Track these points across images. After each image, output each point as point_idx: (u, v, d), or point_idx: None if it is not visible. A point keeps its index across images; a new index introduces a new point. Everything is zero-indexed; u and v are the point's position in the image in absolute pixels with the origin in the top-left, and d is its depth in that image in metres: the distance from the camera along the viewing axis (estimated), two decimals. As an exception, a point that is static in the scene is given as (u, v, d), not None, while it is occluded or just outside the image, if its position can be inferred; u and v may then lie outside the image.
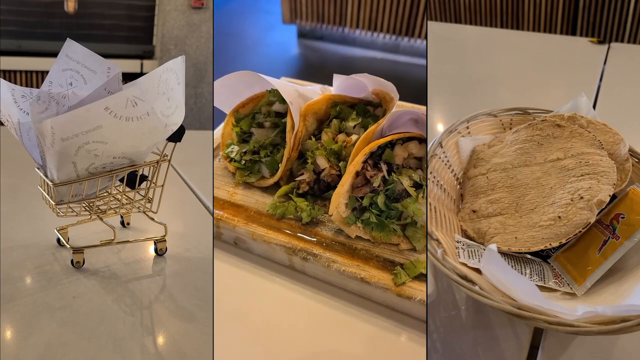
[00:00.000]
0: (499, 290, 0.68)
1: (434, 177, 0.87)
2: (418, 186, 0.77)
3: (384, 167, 0.77)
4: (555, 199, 0.83)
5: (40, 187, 0.87)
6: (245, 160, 0.91)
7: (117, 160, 0.83)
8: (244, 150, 0.92)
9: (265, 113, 0.95)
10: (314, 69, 3.26)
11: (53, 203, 0.84)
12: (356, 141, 0.85)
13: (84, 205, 0.88)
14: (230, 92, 0.96)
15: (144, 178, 0.89)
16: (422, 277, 0.72)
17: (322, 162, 0.84)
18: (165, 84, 0.80)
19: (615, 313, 0.63)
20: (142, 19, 2.91)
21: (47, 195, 0.85)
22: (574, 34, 2.39)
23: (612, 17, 2.28)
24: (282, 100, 0.93)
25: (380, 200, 0.75)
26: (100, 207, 0.90)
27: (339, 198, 0.76)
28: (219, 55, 2.83)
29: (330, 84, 1.00)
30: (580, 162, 0.84)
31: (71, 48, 0.85)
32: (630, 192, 0.82)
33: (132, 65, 2.85)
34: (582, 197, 0.80)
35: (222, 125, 1.02)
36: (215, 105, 0.97)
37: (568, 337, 0.77)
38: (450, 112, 1.42)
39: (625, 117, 1.32)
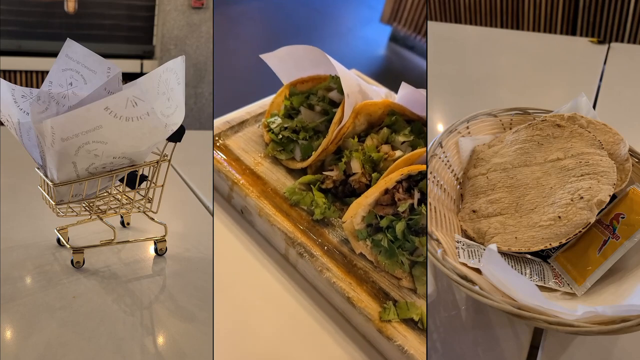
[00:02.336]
0: (499, 290, 0.68)
1: (434, 177, 0.87)
2: None
3: (417, 195, 0.72)
4: (555, 199, 0.83)
5: (40, 187, 0.87)
6: (282, 136, 0.87)
7: (117, 160, 0.83)
8: (285, 125, 0.88)
9: (320, 97, 0.91)
10: (393, 75, 3.21)
11: (53, 203, 0.84)
12: (398, 157, 0.80)
13: (84, 205, 0.88)
14: (293, 63, 0.92)
15: (144, 178, 0.89)
16: (410, 323, 0.66)
17: (356, 166, 0.79)
18: (165, 84, 0.80)
19: (615, 313, 0.63)
20: (142, 19, 2.91)
21: (47, 195, 0.85)
22: (574, 34, 2.39)
23: (612, 17, 2.28)
24: (341, 90, 0.87)
25: (400, 227, 0.70)
26: (100, 207, 0.90)
27: (358, 208, 0.71)
28: (307, 29, 2.79)
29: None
30: (580, 162, 0.84)
31: (71, 48, 0.85)
32: (630, 192, 0.82)
33: (132, 65, 2.85)
34: (582, 197, 0.80)
35: (273, 96, 0.97)
36: (275, 71, 0.93)
37: (568, 337, 0.77)
38: (450, 112, 1.42)
39: (625, 117, 1.32)
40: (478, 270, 0.74)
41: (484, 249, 0.80)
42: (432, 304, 0.81)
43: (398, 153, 0.81)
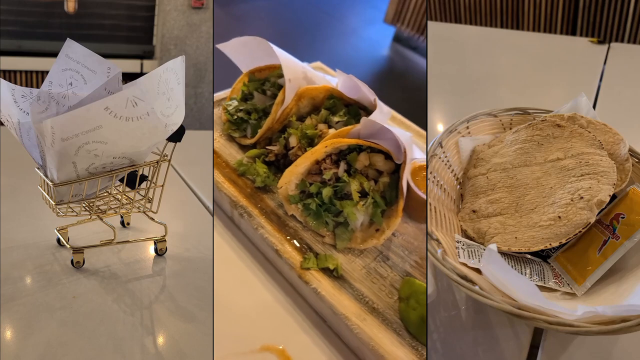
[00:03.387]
0: (499, 290, 0.69)
1: (434, 177, 0.87)
2: (364, 194, 0.78)
3: (343, 166, 0.80)
4: (555, 199, 0.83)
5: (40, 187, 0.87)
6: (236, 117, 0.97)
7: (117, 160, 0.83)
8: (240, 108, 0.97)
9: (272, 83, 0.99)
10: (395, 76, 3.21)
11: (53, 203, 0.84)
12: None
13: (84, 205, 0.88)
14: (249, 54, 1.00)
15: (144, 178, 0.89)
16: (328, 272, 0.74)
17: (293, 141, 0.88)
18: (165, 83, 0.80)
19: (615, 313, 0.63)
20: (142, 19, 2.91)
21: (47, 195, 0.85)
22: (574, 34, 2.39)
23: (612, 17, 2.28)
24: None
25: (326, 192, 0.78)
26: (100, 207, 0.90)
27: (291, 176, 0.81)
28: (311, 29, 2.79)
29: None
30: (580, 162, 0.84)
31: (71, 48, 0.85)
32: (630, 192, 0.82)
33: (132, 65, 2.85)
34: (582, 197, 0.80)
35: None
36: (233, 60, 1.01)
37: (568, 337, 0.77)
38: (450, 112, 1.42)
39: (625, 117, 1.32)
40: (478, 270, 0.74)
41: (484, 249, 0.80)
42: (432, 304, 0.81)
43: (331, 131, 0.89)
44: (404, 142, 0.79)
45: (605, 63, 1.60)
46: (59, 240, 0.93)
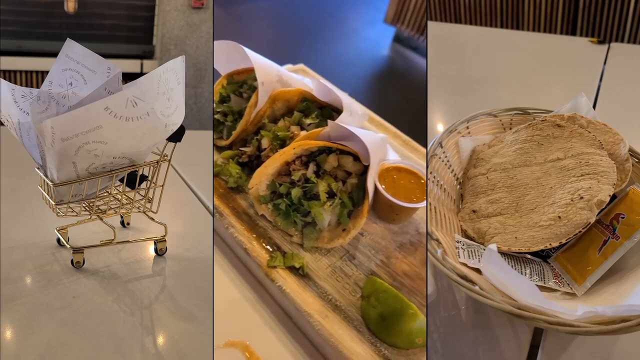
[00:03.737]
0: (499, 290, 0.69)
1: (434, 177, 0.87)
2: (332, 195, 0.80)
3: (312, 167, 0.82)
4: (555, 199, 0.83)
5: (40, 187, 0.87)
6: (214, 118, 0.99)
7: (117, 160, 0.83)
8: (217, 110, 0.99)
9: (249, 86, 1.01)
10: (396, 76, 3.20)
11: (53, 203, 0.84)
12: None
13: (84, 205, 0.88)
14: (227, 57, 1.02)
15: (144, 178, 0.89)
16: (294, 270, 0.77)
17: (265, 143, 0.90)
18: (165, 83, 0.80)
19: (615, 313, 0.63)
20: (142, 19, 2.91)
21: (47, 195, 0.85)
22: (574, 34, 2.39)
23: (612, 17, 2.28)
24: None
25: (295, 193, 0.80)
26: (100, 207, 0.90)
27: (261, 177, 0.83)
28: (312, 29, 2.78)
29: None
30: (580, 162, 0.84)
31: (71, 48, 0.85)
32: (630, 192, 0.82)
33: (132, 65, 2.85)
34: (582, 197, 0.80)
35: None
36: (214, 65, 1.03)
37: (568, 337, 0.77)
38: (450, 112, 1.42)
39: (625, 117, 1.32)
40: (478, 270, 0.74)
41: (484, 249, 0.80)
42: (432, 304, 0.81)
43: (303, 133, 0.89)
44: (372, 144, 0.80)
45: (605, 63, 1.60)
46: (59, 240, 0.93)
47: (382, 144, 0.88)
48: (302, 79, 1.02)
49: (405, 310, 0.68)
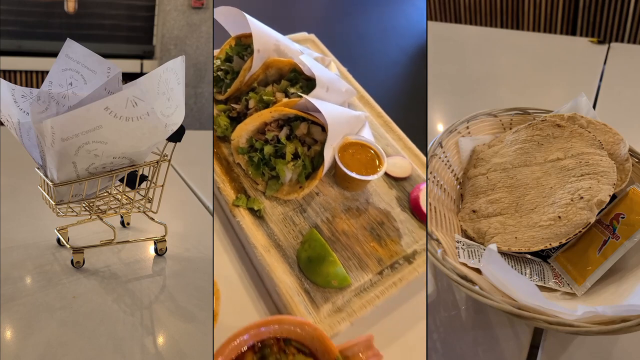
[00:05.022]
0: (499, 290, 0.69)
1: (434, 177, 0.87)
2: (297, 157, 0.92)
3: (285, 131, 0.93)
4: (555, 199, 0.83)
5: (40, 187, 0.87)
6: (216, 74, 1.10)
7: (117, 160, 0.83)
8: (221, 67, 1.10)
9: (252, 50, 1.09)
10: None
11: (53, 203, 0.84)
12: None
13: (84, 205, 0.88)
14: (234, 21, 1.11)
15: (144, 178, 0.89)
16: (253, 211, 0.88)
17: (252, 103, 1.00)
18: (165, 83, 0.80)
19: (615, 313, 0.63)
20: (142, 19, 2.91)
21: (47, 195, 0.85)
22: (574, 34, 2.39)
23: (612, 17, 2.28)
24: None
25: (267, 150, 0.92)
26: (100, 207, 0.90)
27: (242, 132, 0.94)
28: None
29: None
30: (580, 162, 0.84)
31: (71, 48, 0.85)
32: (630, 192, 0.82)
33: (132, 66, 2.85)
34: (582, 197, 0.80)
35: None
36: (224, 25, 1.12)
37: (568, 337, 0.77)
38: (450, 112, 1.42)
39: (625, 117, 1.32)
40: (478, 270, 0.74)
41: (484, 249, 0.80)
42: (432, 304, 0.81)
43: (285, 99, 1.00)
44: (335, 119, 0.90)
45: (605, 63, 1.60)
46: (59, 240, 0.93)
47: (354, 121, 0.97)
48: (299, 49, 1.10)
49: (327, 257, 0.82)
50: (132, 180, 0.88)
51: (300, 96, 0.95)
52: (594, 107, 1.29)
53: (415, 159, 1.04)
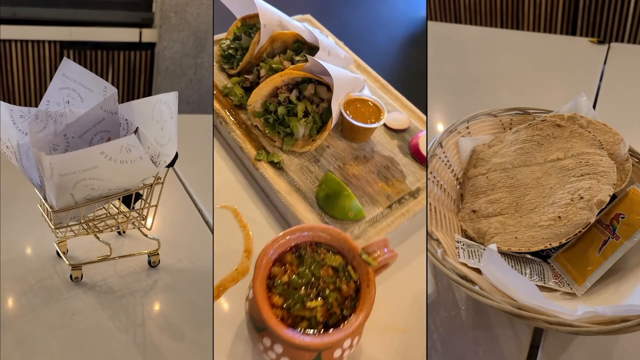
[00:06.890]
0: (499, 290, 0.69)
1: (434, 177, 0.87)
2: (307, 114, 1.03)
3: (295, 93, 1.05)
4: (555, 199, 0.83)
5: (40, 206, 0.88)
6: (227, 52, 1.21)
7: (113, 191, 0.86)
8: (231, 46, 1.22)
9: (258, 28, 1.20)
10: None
11: (52, 227, 0.85)
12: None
13: (82, 225, 0.89)
14: (239, 3, 1.24)
15: (139, 196, 0.91)
16: (273, 164, 1.00)
17: (263, 72, 1.12)
18: (160, 113, 0.84)
19: (615, 313, 0.63)
20: (141, -16, 2.81)
21: (46, 217, 0.86)
22: (574, 34, 2.38)
23: (612, 17, 2.27)
24: None
25: (281, 111, 1.03)
26: (98, 226, 0.92)
27: (257, 96, 1.05)
28: None
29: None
30: (580, 162, 0.84)
31: (68, 67, 0.87)
32: (630, 192, 0.82)
33: (130, 34, 2.72)
34: (582, 197, 0.80)
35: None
36: (229, 8, 1.25)
37: (568, 337, 0.77)
38: (450, 112, 1.42)
39: (625, 117, 1.32)
40: (478, 270, 0.74)
41: (484, 249, 0.80)
42: (432, 304, 0.81)
43: (292, 66, 1.11)
44: (340, 79, 1.01)
45: (605, 63, 1.60)
46: (58, 252, 0.94)
47: (354, 81, 1.07)
48: (300, 25, 1.20)
49: (343, 192, 0.92)
50: (128, 198, 0.90)
51: (306, 61, 1.06)
52: (594, 107, 1.28)
53: (412, 114, 1.16)
